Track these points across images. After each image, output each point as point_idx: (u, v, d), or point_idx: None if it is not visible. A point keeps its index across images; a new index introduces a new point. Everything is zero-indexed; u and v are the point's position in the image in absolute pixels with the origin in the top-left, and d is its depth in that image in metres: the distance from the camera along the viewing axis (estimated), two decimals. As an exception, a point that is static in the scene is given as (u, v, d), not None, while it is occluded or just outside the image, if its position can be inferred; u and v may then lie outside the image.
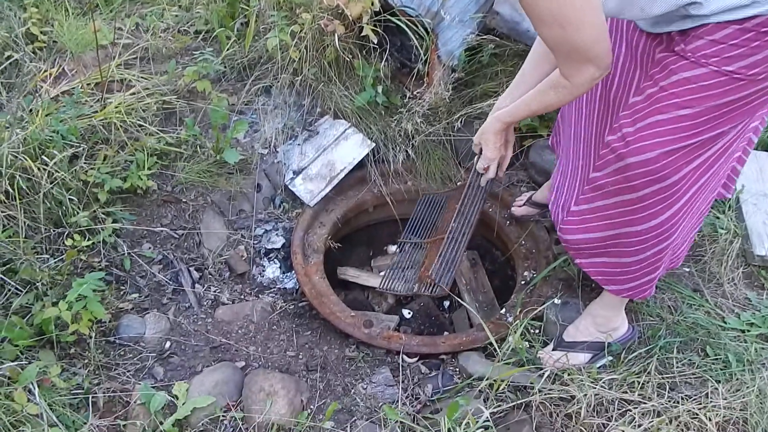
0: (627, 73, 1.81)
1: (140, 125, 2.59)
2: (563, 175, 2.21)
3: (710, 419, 1.91)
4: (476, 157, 2.18)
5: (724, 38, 1.49)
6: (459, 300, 2.51)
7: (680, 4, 1.50)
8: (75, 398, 1.89)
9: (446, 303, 2.91)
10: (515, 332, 2.22)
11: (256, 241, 2.66)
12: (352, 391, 2.16)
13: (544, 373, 2.06)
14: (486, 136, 2.04)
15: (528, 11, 1.42)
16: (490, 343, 2.24)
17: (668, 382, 2.06)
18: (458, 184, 2.91)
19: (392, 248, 3.12)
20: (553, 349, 2.21)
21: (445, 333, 2.73)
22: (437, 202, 2.79)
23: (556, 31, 1.43)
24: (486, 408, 1.96)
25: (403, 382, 2.19)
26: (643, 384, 2.03)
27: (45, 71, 2.74)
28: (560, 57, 1.52)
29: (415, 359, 2.34)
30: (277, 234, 2.72)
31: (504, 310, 2.52)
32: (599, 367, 2.15)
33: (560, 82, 1.59)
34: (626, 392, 2.01)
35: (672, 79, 1.61)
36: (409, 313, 2.81)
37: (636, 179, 1.71)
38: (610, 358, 2.17)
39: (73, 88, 2.67)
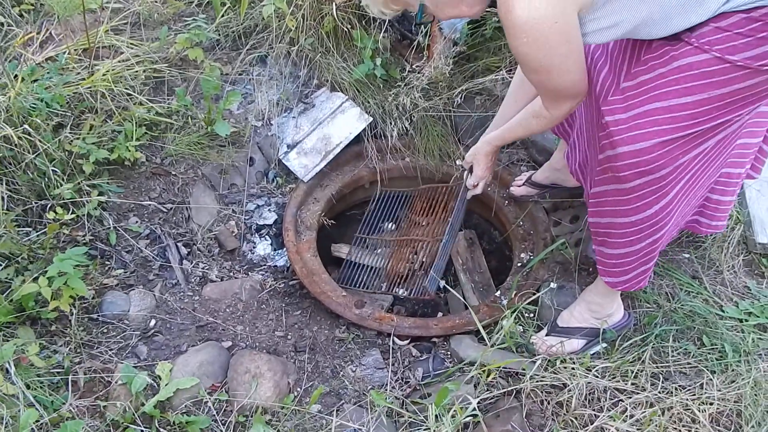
0: (616, 59, 1.75)
1: (129, 94, 2.54)
2: (579, 137, 2.13)
3: (703, 411, 1.88)
4: (465, 172, 2.42)
5: (729, 26, 1.47)
6: (445, 289, 2.50)
7: (684, 26, 1.52)
8: (54, 378, 1.86)
9: (442, 283, 2.88)
10: (509, 317, 2.21)
11: (247, 217, 2.63)
12: (341, 373, 2.14)
13: (536, 360, 2.03)
14: (478, 157, 2.28)
15: (517, 58, 1.57)
16: (484, 327, 2.21)
17: (662, 371, 2.04)
18: (420, 187, 2.96)
19: (389, 225, 3.08)
20: (546, 335, 2.19)
21: (439, 314, 2.71)
22: (395, 199, 2.90)
23: (542, 76, 1.60)
24: (476, 394, 1.93)
25: (393, 365, 2.17)
26: (636, 373, 2.01)
27: (29, 33, 2.67)
28: (542, 94, 1.72)
29: (407, 342, 2.32)
30: (269, 210, 2.69)
31: (499, 292, 2.50)
32: (593, 355, 2.12)
33: (541, 112, 1.79)
34: (619, 381, 1.99)
35: (672, 65, 1.57)
36: (403, 292, 2.76)
37: (625, 170, 1.66)
38: (605, 345, 2.14)
39: (60, 54, 2.60)
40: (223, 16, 2.79)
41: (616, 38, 1.59)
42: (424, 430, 1.82)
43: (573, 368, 2.01)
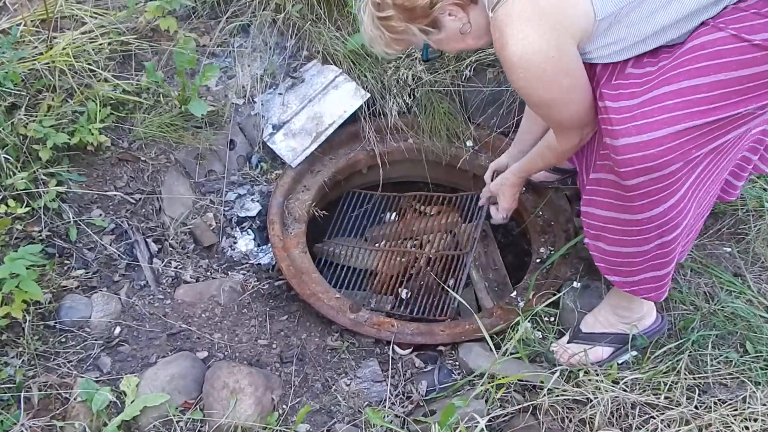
0: None
1: (92, 70, 2.52)
2: None
3: (746, 428, 1.86)
4: (486, 204, 2.62)
5: (748, 6, 1.54)
6: (448, 290, 2.54)
7: (696, 24, 1.62)
8: (4, 394, 1.85)
9: (451, 281, 2.86)
10: (524, 321, 2.20)
11: (227, 208, 2.63)
12: (333, 387, 2.13)
13: (556, 371, 2.03)
14: (503, 188, 2.44)
15: (520, 94, 1.75)
16: (498, 333, 2.23)
17: (700, 383, 2.03)
18: (407, 194, 3.06)
19: (390, 216, 3.12)
20: (568, 342, 2.19)
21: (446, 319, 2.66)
22: (373, 201, 2.99)
23: (544, 110, 1.80)
24: (487, 411, 1.93)
25: (393, 377, 2.16)
26: (670, 386, 2.00)
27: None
28: (550, 126, 1.94)
29: (409, 351, 2.31)
30: (252, 200, 2.68)
31: (515, 292, 2.50)
32: (621, 364, 2.12)
33: (552, 143, 1.99)
34: (650, 395, 1.97)
35: (685, 46, 1.59)
36: (406, 293, 2.77)
37: (626, 165, 1.62)
38: (634, 353, 2.14)
39: (14, 26, 2.57)
40: (199, -21, 2.80)
41: (628, 57, 1.70)
42: (427, 454, 1.81)
43: (598, 380, 1.99)
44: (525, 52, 1.59)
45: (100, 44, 2.57)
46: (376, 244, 2.91)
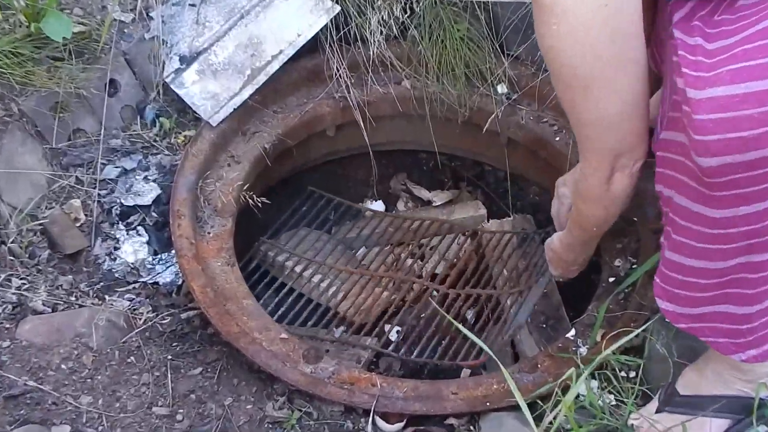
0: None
1: None
2: None
3: None
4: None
5: None
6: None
7: None
8: None
9: (469, 313, 2.85)
10: (588, 376, 2.13)
11: (103, 192, 2.62)
12: None
13: None
14: (548, 252, 2.68)
15: (546, 60, 1.81)
16: (544, 396, 2.21)
17: None
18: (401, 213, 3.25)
19: (372, 206, 3.28)
20: (657, 410, 2.18)
21: (462, 372, 2.74)
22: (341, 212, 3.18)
23: (575, 95, 1.85)
24: None
25: None
26: None
27: None
28: (577, 138, 2.01)
29: (401, 425, 2.28)
30: (145, 178, 2.68)
31: (573, 330, 2.50)
32: None
33: (578, 185, 2.19)
34: None
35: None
36: (397, 331, 2.79)
37: (705, 131, 1.60)
38: (763, 428, 2.09)
39: None
40: None
41: None
42: None
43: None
44: None
45: None
46: (348, 262, 2.99)
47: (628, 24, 1.72)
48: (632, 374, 2.30)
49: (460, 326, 2.28)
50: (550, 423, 2.00)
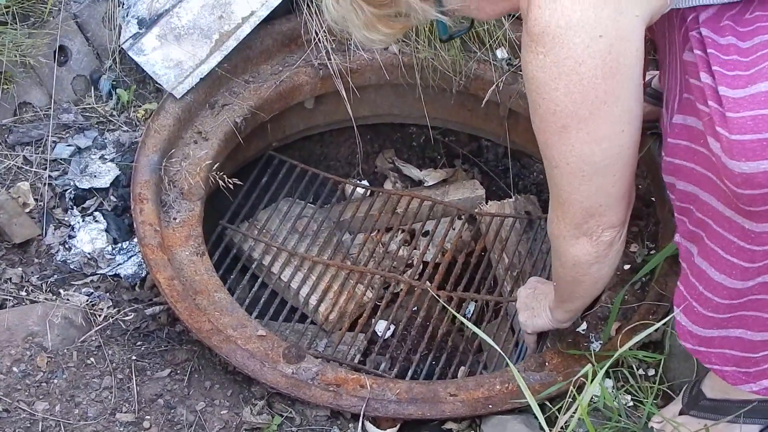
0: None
1: None
2: None
3: None
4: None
5: None
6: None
7: None
8: None
9: (469, 307, 2.89)
10: (602, 374, 2.06)
11: (55, 172, 2.62)
12: None
13: None
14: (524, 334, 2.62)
15: (528, 91, 1.79)
16: (553, 397, 2.22)
17: None
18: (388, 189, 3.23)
19: (357, 190, 3.29)
20: (680, 413, 2.18)
21: (460, 371, 2.74)
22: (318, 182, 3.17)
23: (552, 136, 1.81)
24: None
25: None
26: None
27: None
28: (550, 187, 1.97)
29: (394, 431, 2.28)
30: (102, 157, 2.67)
31: (585, 324, 2.49)
32: None
33: (554, 247, 2.11)
34: None
35: None
36: (389, 329, 2.80)
37: (746, 186, 1.63)
38: None
39: None
40: None
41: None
42: None
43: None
44: (557, 22, 1.62)
45: None
46: (326, 253, 3.00)
47: (626, 62, 1.69)
48: (651, 372, 2.31)
49: (465, 320, 2.24)
50: (563, 427, 1.98)
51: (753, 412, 2.09)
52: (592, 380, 2.01)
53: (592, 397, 2.20)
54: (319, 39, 2.86)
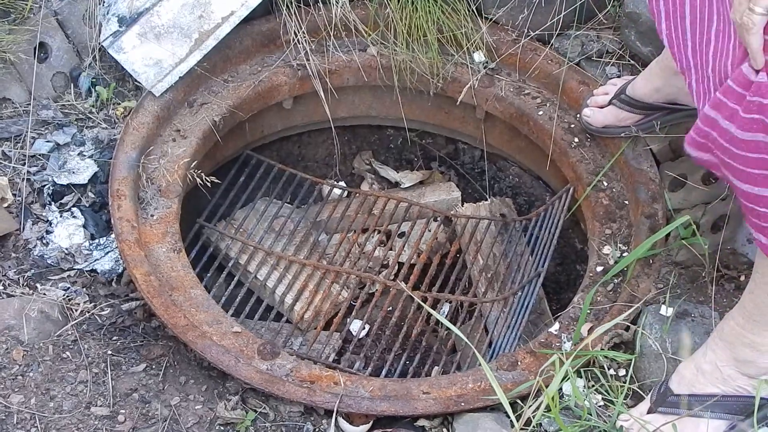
0: None
1: None
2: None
3: None
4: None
5: None
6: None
7: None
8: None
9: (445, 307, 2.99)
10: (574, 374, 2.24)
11: (33, 169, 2.63)
12: None
13: None
14: None
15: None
16: (525, 396, 2.24)
17: None
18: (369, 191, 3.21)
19: (334, 191, 3.28)
20: (649, 411, 2.21)
21: (434, 370, 2.75)
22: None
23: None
24: None
25: None
26: None
27: None
28: None
29: (367, 427, 2.31)
30: (80, 154, 2.67)
31: (557, 324, 2.52)
32: None
33: None
34: None
35: None
36: (363, 328, 2.84)
37: None
38: (765, 431, 2.13)
39: None
40: None
41: None
42: None
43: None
44: None
45: None
46: (302, 252, 3.01)
47: None
48: (622, 372, 2.33)
49: (439, 316, 2.30)
50: (530, 418, 2.03)
51: (718, 406, 2.13)
52: (559, 372, 2.05)
53: (563, 396, 2.25)
54: (298, 40, 2.86)
